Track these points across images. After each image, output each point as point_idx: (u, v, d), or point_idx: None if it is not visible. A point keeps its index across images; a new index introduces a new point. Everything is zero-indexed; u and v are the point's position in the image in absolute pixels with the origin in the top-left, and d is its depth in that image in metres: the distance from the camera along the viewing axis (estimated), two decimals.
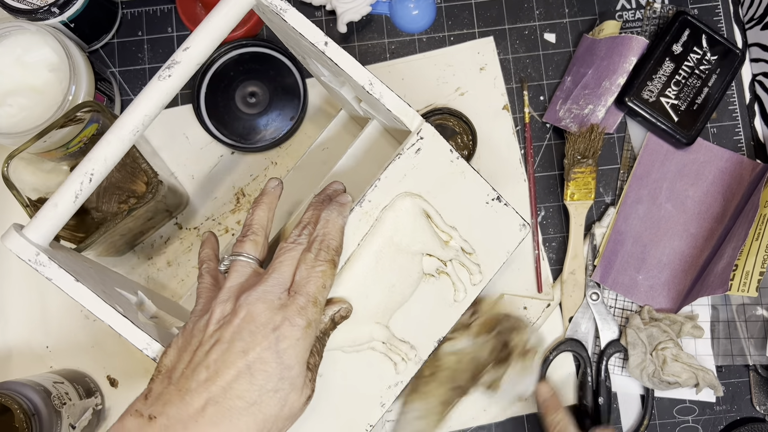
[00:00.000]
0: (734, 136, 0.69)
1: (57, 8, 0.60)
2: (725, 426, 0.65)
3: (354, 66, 0.44)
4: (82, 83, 0.59)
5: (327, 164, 0.61)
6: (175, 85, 0.42)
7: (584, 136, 0.64)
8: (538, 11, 0.70)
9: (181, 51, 0.42)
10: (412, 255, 0.46)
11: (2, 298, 0.65)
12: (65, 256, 0.44)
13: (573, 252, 0.65)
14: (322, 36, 0.43)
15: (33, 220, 0.41)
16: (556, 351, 0.64)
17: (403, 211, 0.45)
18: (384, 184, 0.44)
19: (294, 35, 0.44)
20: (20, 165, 0.56)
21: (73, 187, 0.41)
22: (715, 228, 0.65)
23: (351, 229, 0.44)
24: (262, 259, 0.44)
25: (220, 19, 0.42)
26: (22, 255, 0.41)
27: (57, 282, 0.41)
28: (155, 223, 0.64)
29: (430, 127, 0.45)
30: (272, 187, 0.46)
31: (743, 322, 0.65)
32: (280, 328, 0.38)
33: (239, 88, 0.67)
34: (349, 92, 0.53)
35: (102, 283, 0.45)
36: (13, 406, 0.52)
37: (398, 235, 0.45)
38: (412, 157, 0.45)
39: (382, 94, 0.44)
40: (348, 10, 0.66)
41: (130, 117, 0.42)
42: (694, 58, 0.65)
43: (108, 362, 0.65)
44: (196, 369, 0.37)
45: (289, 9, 0.43)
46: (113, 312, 0.42)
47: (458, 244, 0.48)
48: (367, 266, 0.45)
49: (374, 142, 0.54)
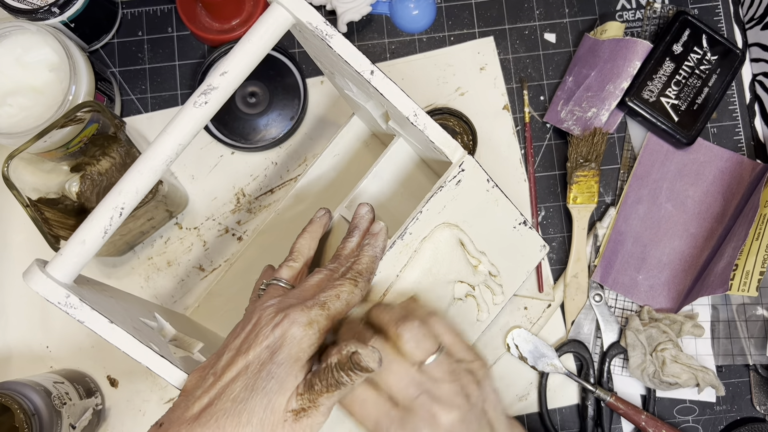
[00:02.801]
0: (734, 136, 0.69)
1: (57, 8, 0.60)
2: (725, 426, 0.65)
3: (399, 96, 0.42)
4: (82, 83, 0.59)
5: (338, 171, 0.61)
6: (210, 111, 0.40)
7: (587, 139, 0.64)
8: (538, 11, 0.70)
9: (218, 76, 0.40)
10: (447, 283, 0.46)
11: (2, 298, 0.65)
12: (90, 291, 0.42)
13: (576, 255, 0.65)
14: (368, 64, 0.41)
15: (58, 257, 0.39)
16: (559, 352, 0.64)
17: (441, 242, 0.45)
18: (425, 216, 0.44)
19: (336, 59, 0.43)
20: (20, 165, 0.56)
21: (102, 222, 0.39)
22: (715, 228, 0.65)
23: (390, 261, 0.44)
24: (296, 284, 0.44)
25: (257, 40, 0.40)
26: (51, 298, 0.38)
27: (90, 325, 0.39)
28: (155, 223, 0.64)
29: (471, 159, 0.44)
30: (319, 216, 0.48)
31: (743, 321, 0.65)
32: (280, 324, 0.37)
33: (239, 88, 0.67)
34: (376, 109, 0.52)
35: (128, 315, 0.44)
36: (13, 406, 0.52)
37: (436, 267, 0.45)
38: (453, 189, 0.44)
39: (426, 126, 0.43)
40: (348, 10, 0.66)
41: (162, 146, 0.39)
42: (694, 58, 0.65)
43: (108, 362, 0.65)
44: (206, 377, 0.38)
45: (335, 35, 0.41)
46: (150, 353, 0.40)
47: (486, 268, 0.48)
48: (406, 297, 0.45)
49: (399, 160, 0.54)
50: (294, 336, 0.37)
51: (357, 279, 0.41)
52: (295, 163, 0.68)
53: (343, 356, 0.36)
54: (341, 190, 0.61)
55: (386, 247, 0.44)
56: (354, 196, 0.52)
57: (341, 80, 0.49)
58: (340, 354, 0.36)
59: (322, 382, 0.36)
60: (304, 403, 0.36)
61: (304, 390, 0.36)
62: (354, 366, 0.36)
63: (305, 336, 0.37)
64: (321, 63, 0.51)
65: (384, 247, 0.44)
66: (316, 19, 0.40)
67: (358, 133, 0.61)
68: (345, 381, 0.36)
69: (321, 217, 0.48)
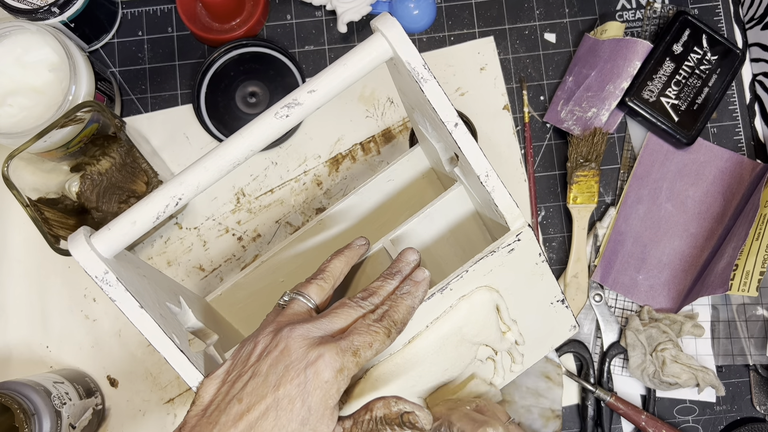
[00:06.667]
0: (734, 136, 0.69)
1: (57, 8, 0.60)
2: (725, 426, 0.65)
3: (476, 154, 0.42)
4: (82, 83, 0.59)
5: (388, 197, 0.60)
6: (289, 125, 0.40)
7: (587, 139, 0.64)
8: (539, 11, 0.70)
9: (305, 93, 0.39)
10: (473, 344, 0.46)
11: (2, 298, 0.65)
12: (127, 268, 0.42)
13: (576, 255, 0.65)
14: (454, 116, 0.41)
15: (105, 231, 0.39)
16: (559, 352, 0.64)
17: (479, 304, 0.45)
18: (470, 275, 0.43)
19: (423, 102, 0.42)
20: (20, 165, 0.56)
21: (156, 207, 0.39)
22: (715, 228, 0.65)
23: (424, 311, 0.43)
24: (321, 306, 0.43)
25: (352, 66, 0.40)
26: (90, 270, 0.39)
27: (120, 306, 0.39)
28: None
29: (529, 231, 0.43)
30: (358, 245, 0.47)
31: (743, 321, 0.65)
32: (313, 364, 0.36)
33: (239, 88, 0.67)
34: (445, 152, 0.51)
35: (156, 299, 0.44)
36: (13, 406, 0.52)
37: (467, 327, 0.45)
38: (504, 256, 0.44)
39: (495, 189, 0.43)
40: (348, 10, 0.66)
41: (234, 148, 0.39)
42: (694, 58, 0.65)
43: (108, 362, 0.65)
44: (230, 402, 0.37)
45: (430, 80, 0.40)
46: (171, 345, 0.40)
47: (514, 337, 0.48)
48: (430, 350, 0.44)
49: (455, 206, 0.53)
50: (326, 380, 0.36)
51: (391, 329, 0.40)
52: (295, 163, 0.68)
53: (393, 413, 0.38)
54: (386, 216, 0.60)
55: (425, 298, 0.43)
56: (402, 232, 0.51)
57: (419, 117, 0.49)
58: (389, 410, 0.38)
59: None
60: None
61: None
62: (405, 424, 0.37)
63: (335, 382, 0.37)
64: (405, 96, 0.50)
65: (423, 298, 0.42)
66: (415, 61, 0.40)
67: (417, 165, 0.60)
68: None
69: (360, 246, 0.47)
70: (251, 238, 0.67)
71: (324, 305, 0.44)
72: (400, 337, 0.43)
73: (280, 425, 0.35)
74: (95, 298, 0.65)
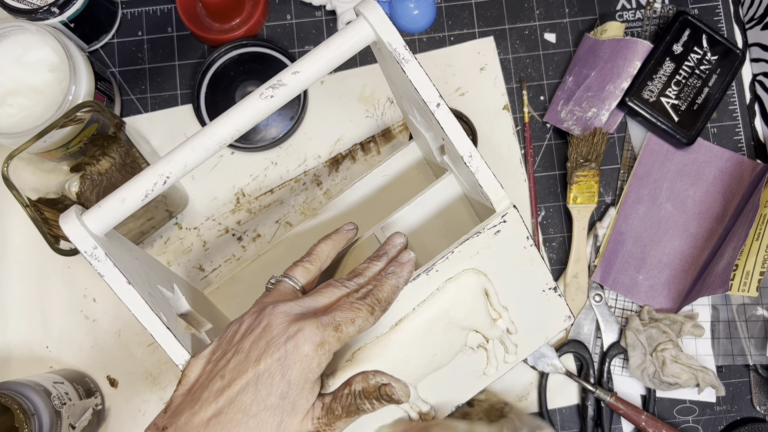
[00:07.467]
0: (734, 136, 0.69)
1: (57, 8, 0.60)
2: (725, 426, 0.65)
3: (459, 134, 0.42)
4: (82, 83, 0.59)
5: (382, 191, 0.61)
6: (274, 105, 0.41)
7: (587, 139, 0.64)
8: (538, 11, 0.70)
9: (290, 74, 0.40)
10: (462, 329, 0.46)
11: (2, 298, 0.65)
12: (118, 248, 0.43)
13: (576, 255, 0.65)
14: (436, 96, 0.42)
15: (96, 209, 0.40)
16: (559, 352, 0.64)
17: (466, 287, 0.45)
18: (455, 257, 0.43)
19: (407, 84, 0.43)
20: (20, 165, 0.56)
21: (145, 185, 0.40)
22: (715, 228, 0.65)
23: (410, 293, 0.43)
24: (308, 287, 0.44)
25: (336, 48, 0.40)
26: (79, 245, 0.40)
27: (108, 281, 0.40)
28: (155, 223, 0.64)
29: (515, 212, 0.43)
30: (346, 230, 0.48)
31: (743, 322, 0.65)
32: (293, 338, 0.37)
33: (239, 88, 0.67)
34: (434, 141, 0.52)
35: (147, 280, 0.44)
36: (13, 406, 0.52)
37: (455, 310, 0.45)
38: (490, 237, 0.44)
39: (479, 169, 0.43)
40: (348, 10, 0.66)
41: (220, 127, 0.40)
42: (694, 58, 0.65)
43: (108, 362, 0.65)
44: (213, 379, 0.37)
45: (411, 61, 0.41)
46: (158, 322, 0.41)
47: (506, 324, 0.48)
48: (417, 333, 0.44)
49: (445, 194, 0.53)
50: (306, 354, 0.37)
51: (375, 306, 0.40)
52: (295, 163, 0.68)
53: (371, 385, 0.38)
54: (380, 210, 0.61)
55: (410, 279, 0.43)
56: (392, 220, 0.51)
57: (408, 105, 0.50)
58: (367, 383, 0.38)
59: (343, 407, 0.38)
60: (320, 426, 0.37)
61: (322, 414, 0.38)
62: (382, 396, 0.38)
63: (316, 356, 0.37)
64: (393, 84, 0.51)
65: (408, 279, 0.43)
66: (396, 42, 0.41)
67: (411, 159, 0.61)
68: (366, 408, 0.38)
69: (348, 231, 0.48)
70: (251, 239, 0.67)
71: (310, 286, 0.44)
72: (387, 319, 0.43)
73: (260, 398, 0.36)
74: (95, 299, 0.65)
